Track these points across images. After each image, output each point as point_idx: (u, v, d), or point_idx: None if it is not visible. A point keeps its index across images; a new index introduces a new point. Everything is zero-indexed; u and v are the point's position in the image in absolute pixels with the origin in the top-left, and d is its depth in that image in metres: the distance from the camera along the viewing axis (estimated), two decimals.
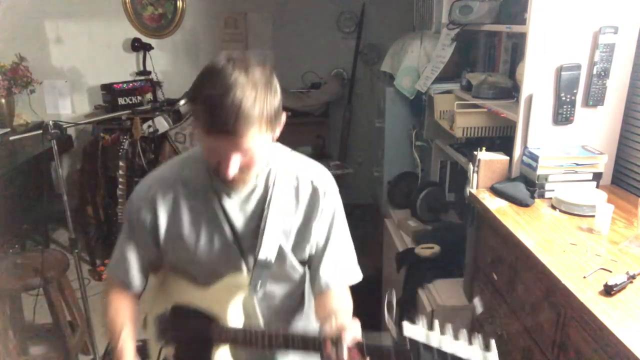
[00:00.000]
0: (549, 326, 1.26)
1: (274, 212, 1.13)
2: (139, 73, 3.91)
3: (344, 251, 1.22)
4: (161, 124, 3.58)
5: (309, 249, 1.19)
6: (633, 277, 1.14)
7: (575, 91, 1.65)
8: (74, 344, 2.38)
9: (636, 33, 1.63)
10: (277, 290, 1.21)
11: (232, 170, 1.00)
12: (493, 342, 0.86)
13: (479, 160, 1.74)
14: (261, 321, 1.18)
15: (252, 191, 1.13)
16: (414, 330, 0.92)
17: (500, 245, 1.55)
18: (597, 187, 1.66)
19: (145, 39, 3.88)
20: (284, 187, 1.14)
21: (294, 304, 1.28)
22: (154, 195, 1.14)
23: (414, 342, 0.90)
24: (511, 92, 1.99)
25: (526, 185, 1.67)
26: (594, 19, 1.59)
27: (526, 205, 1.59)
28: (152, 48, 3.87)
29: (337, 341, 0.96)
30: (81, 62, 3.92)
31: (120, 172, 3.36)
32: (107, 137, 3.49)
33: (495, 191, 1.70)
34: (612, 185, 1.76)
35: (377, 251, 2.92)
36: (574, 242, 1.36)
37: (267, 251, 1.12)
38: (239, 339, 1.12)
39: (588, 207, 1.50)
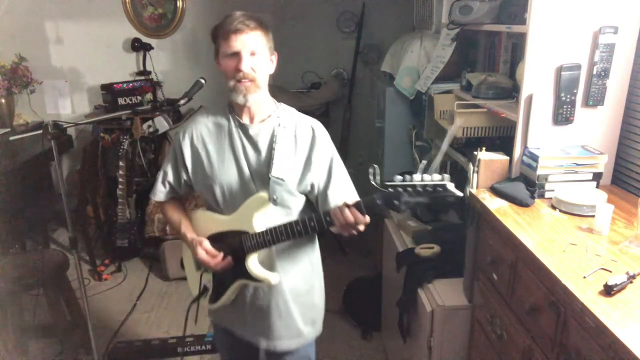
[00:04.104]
0: (549, 326, 1.27)
1: (279, 146, 1.47)
2: (139, 73, 3.91)
3: (344, 180, 1.56)
4: (161, 124, 3.58)
5: (310, 179, 1.50)
6: (633, 277, 1.14)
7: (575, 91, 1.65)
8: (74, 344, 2.38)
9: (636, 33, 1.63)
10: (278, 214, 1.49)
11: (245, 64, 1.39)
12: (444, 174, 1.23)
13: (479, 160, 1.74)
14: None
15: (262, 130, 1.49)
16: (394, 182, 1.28)
17: (500, 245, 1.55)
18: (597, 187, 1.66)
19: (145, 39, 3.88)
20: (287, 129, 1.50)
21: None
22: (187, 135, 1.55)
23: (394, 187, 1.27)
24: (511, 92, 1.99)
25: (526, 185, 1.67)
26: (594, 19, 1.59)
27: (526, 205, 1.59)
28: (152, 48, 3.87)
29: (341, 206, 1.33)
30: (81, 62, 3.92)
31: (120, 172, 3.36)
32: (107, 137, 3.49)
33: (495, 191, 1.70)
34: (612, 185, 1.76)
35: (377, 251, 2.92)
36: (574, 242, 1.36)
37: (277, 172, 1.45)
38: (268, 238, 1.43)
39: (588, 207, 1.50)
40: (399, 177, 1.26)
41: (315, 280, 1.64)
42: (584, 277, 1.18)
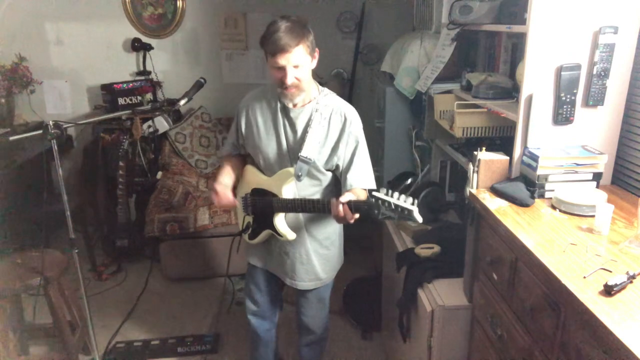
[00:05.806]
0: (549, 326, 1.27)
1: (313, 129, 1.75)
2: (139, 73, 3.91)
3: (364, 167, 1.83)
4: (161, 124, 3.58)
5: (336, 160, 1.80)
6: (633, 277, 1.14)
7: (575, 91, 1.65)
8: (74, 344, 2.38)
9: (636, 33, 1.63)
10: (308, 184, 1.85)
11: (290, 78, 1.64)
12: (416, 200, 1.48)
13: (479, 160, 1.74)
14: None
15: (301, 114, 1.77)
16: (379, 194, 1.53)
17: (500, 245, 1.55)
18: (597, 187, 1.66)
19: (145, 39, 3.88)
20: (323, 115, 1.77)
21: (317, 196, 1.89)
22: (245, 105, 1.89)
23: (377, 199, 1.52)
24: (511, 92, 1.99)
25: (526, 185, 1.67)
26: (594, 19, 1.59)
27: (526, 205, 1.59)
28: (152, 48, 3.87)
29: (337, 201, 1.61)
30: (81, 62, 3.93)
31: (120, 172, 3.36)
32: (107, 137, 3.49)
33: (495, 191, 1.70)
34: (612, 185, 1.76)
35: (377, 251, 2.92)
36: (574, 242, 1.36)
37: (306, 153, 1.74)
38: (289, 205, 1.80)
39: (588, 207, 1.50)
40: (384, 190, 1.53)
41: (335, 240, 1.99)
42: (584, 277, 1.18)
